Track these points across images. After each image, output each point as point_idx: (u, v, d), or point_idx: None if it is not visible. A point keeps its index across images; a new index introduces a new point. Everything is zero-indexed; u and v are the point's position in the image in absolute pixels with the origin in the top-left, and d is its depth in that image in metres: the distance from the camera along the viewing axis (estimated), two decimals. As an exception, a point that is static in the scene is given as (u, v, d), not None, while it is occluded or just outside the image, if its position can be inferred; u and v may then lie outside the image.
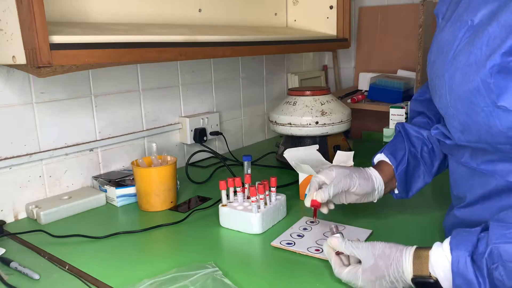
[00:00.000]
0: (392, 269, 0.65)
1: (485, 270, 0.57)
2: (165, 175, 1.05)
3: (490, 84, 0.59)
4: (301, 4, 1.62)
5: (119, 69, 1.22)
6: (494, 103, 0.59)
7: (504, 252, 0.56)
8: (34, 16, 0.74)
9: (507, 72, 0.57)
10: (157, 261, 0.82)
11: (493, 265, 0.56)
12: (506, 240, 0.56)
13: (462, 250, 0.60)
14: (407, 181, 0.90)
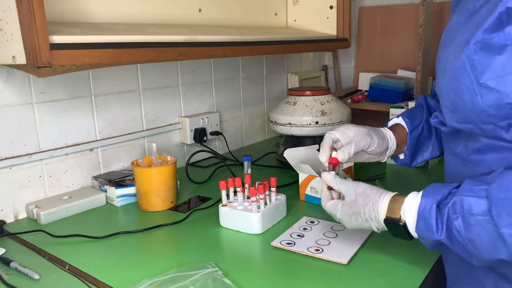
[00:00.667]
0: (368, 208, 0.71)
1: (445, 218, 0.61)
2: (165, 175, 1.05)
3: (474, 61, 0.59)
4: (301, 4, 1.62)
5: (119, 69, 1.22)
6: (477, 81, 0.59)
7: (467, 204, 0.59)
8: (34, 16, 0.74)
9: (489, 49, 0.58)
10: (157, 261, 0.82)
11: (454, 215, 0.60)
12: (471, 194, 0.59)
13: (431, 198, 0.64)
14: (416, 148, 0.91)
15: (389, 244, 0.85)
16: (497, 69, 0.57)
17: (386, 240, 0.87)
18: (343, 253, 0.81)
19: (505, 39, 0.57)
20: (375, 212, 0.70)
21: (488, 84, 0.58)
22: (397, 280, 0.73)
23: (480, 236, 0.58)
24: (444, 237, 0.62)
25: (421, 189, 0.68)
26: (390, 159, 1.35)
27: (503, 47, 0.57)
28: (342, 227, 0.93)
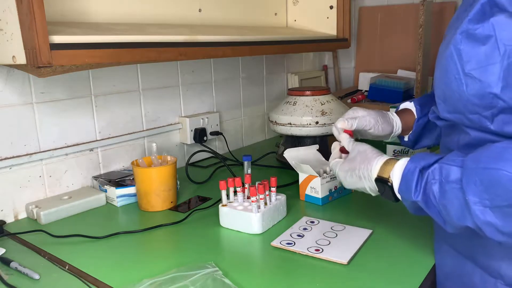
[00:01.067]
0: (363, 166, 0.76)
1: (424, 182, 0.64)
2: (165, 175, 1.05)
3: (460, 51, 0.61)
4: (301, 4, 1.62)
5: (119, 69, 1.22)
6: (463, 70, 0.61)
7: (445, 171, 0.62)
8: (34, 16, 0.74)
9: (473, 39, 0.60)
10: (157, 261, 0.82)
11: (433, 180, 0.63)
12: (451, 163, 0.62)
13: (416, 163, 0.67)
14: (420, 135, 0.93)
15: (389, 244, 0.86)
16: (481, 59, 0.59)
17: (386, 240, 0.87)
18: (343, 253, 0.81)
19: (489, 30, 0.58)
20: (368, 171, 0.75)
21: (472, 73, 0.60)
22: (397, 280, 0.73)
23: (452, 203, 0.60)
24: (420, 200, 0.65)
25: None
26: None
27: (487, 38, 0.58)
28: (342, 227, 0.93)
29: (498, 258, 0.66)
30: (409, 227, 0.92)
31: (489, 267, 0.67)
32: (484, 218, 0.57)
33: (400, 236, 0.89)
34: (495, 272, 0.67)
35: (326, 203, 1.07)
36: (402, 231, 0.91)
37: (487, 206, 0.56)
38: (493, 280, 0.67)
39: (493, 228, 0.57)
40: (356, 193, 1.14)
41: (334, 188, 1.08)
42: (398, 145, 1.35)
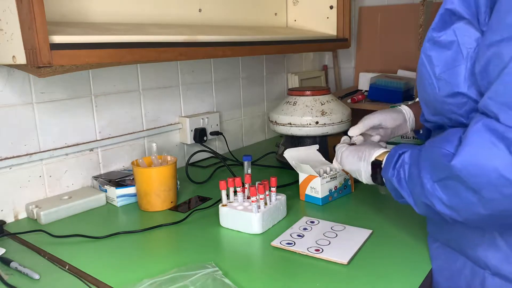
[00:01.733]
0: (367, 150, 0.83)
1: (398, 164, 0.72)
2: (165, 175, 1.05)
3: (430, 57, 0.67)
4: (301, 4, 1.62)
5: (119, 69, 1.22)
6: (434, 75, 0.67)
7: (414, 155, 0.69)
8: (34, 16, 0.74)
9: (438, 45, 0.66)
10: (157, 261, 0.82)
11: (405, 163, 0.71)
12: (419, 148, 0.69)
13: (399, 149, 0.74)
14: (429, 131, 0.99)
15: (389, 244, 0.86)
16: (448, 63, 0.65)
17: (386, 240, 0.87)
18: (343, 253, 0.81)
19: (451, 36, 0.64)
20: (370, 155, 0.82)
21: (442, 76, 0.66)
22: (397, 280, 0.73)
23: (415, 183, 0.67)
24: (395, 180, 0.72)
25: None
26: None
27: (451, 43, 0.65)
28: (342, 227, 0.93)
29: (484, 249, 0.69)
30: (409, 227, 0.92)
31: (477, 259, 0.70)
32: (433, 192, 0.64)
33: (400, 236, 0.89)
34: (483, 263, 0.70)
35: (326, 203, 1.07)
36: (402, 231, 0.91)
37: (435, 181, 0.63)
38: (481, 271, 0.70)
39: (441, 202, 0.63)
40: (356, 193, 1.14)
41: (334, 188, 1.08)
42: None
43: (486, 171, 0.55)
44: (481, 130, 0.57)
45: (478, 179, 0.56)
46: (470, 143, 0.57)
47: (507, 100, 0.55)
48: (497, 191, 0.55)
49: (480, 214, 0.59)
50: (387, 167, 0.75)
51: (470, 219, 0.62)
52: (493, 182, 0.55)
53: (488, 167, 0.55)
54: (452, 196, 0.61)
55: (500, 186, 0.55)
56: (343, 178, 1.11)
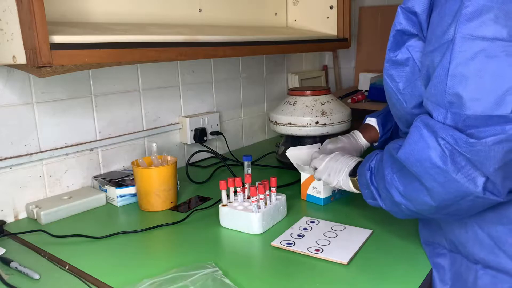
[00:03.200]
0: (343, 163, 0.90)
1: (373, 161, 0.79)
2: (165, 175, 1.05)
3: (392, 75, 0.73)
4: (301, 4, 1.62)
5: (119, 69, 1.22)
6: (398, 90, 0.73)
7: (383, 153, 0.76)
8: (34, 16, 0.74)
9: (396, 63, 0.72)
10: (157, 261, 0.82)
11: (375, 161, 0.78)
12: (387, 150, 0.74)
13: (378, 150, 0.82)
14: None
15: (389, 244, 0.86)
16: (408, 78, 0.71)
17: (386, 240, 0.87)
18: (343, 253, 0.81)
19: (406, 53, 0.71)
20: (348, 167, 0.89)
21: (406, 90, 0.72)
22: (397, 280, 0.73)
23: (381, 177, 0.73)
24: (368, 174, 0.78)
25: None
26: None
27: (407, 60, 0.71)
28: (342, 227, 0.93)
29: (471, 245, 0.71)
30: (409, 227, 0.92)
31: (469, 254, 0.72)
32: (392, 182, 0.70)
33: (400, 236, 0.89)
34: (473, 258, 0.71)
35: (327, 203, 1.07)
36: (402, 231, 0.91)
37: (395, 172, 0.70)
38: (474, 266, 0.72)
39: (398, 192, 0.70)
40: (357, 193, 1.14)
41: (336, 189, 1.08)
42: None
43: (422, 161, 0.62)
44: (419, 125, 0.64)
45: (417, 169, 0.63)
46: (411, 137, 0.65)
47: (437, 99, 0.62)
48: (434, 180, 0.62)
49: (428, 204, 0.66)
50: (364, 164, 0.81)
51: (421, 209, 0.68)
52: (429, 171, 0.62)
53: (423, 156, 0.62)
54: (406, 186, 0.68)
55: (434, 174, 0.61)
56: None
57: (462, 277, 0.73)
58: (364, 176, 0.79)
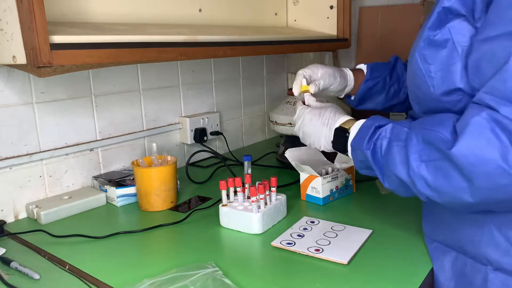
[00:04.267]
0: (331, 115, 0.83)
1: (376, 137, 0.72)
2: (165, 175, 1.05)
3: (425, 56, 0.69)
4: (302, 4, 1.62)
5: (119, 69, 1.22)
6: (428, 73, 0.68)
7: (396, 130, 0.70)
8: (34, 16, 0.74)
9: (434, 44, 0.67)
10: (157, 261, 0.82)
11: (384, 137, 0.71)
12: (403, 125, 0.70)
13: (374, 121, 0.75)
14: (366, 95, 1.02)
15: (389, 244, 0.86)
16: (443, 61, 0.66)
17: (386, 240, 0.87)
18: (343, 253, 0.81)
19: (446, 34, 0.66)
20: (334, 120, 0.82)
21: (438, 74, 0.67)
22: (397, 280, 0.73)
23: (394, 158, 0.68)
24: (369, 152, 0.72)
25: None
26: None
27: (446, 41, 0.66)
28: (342, 227, 0.93)
29: (484, 245, 0.69)
30: (409, 227, 0.92)
31: (477, 255, 0.70)
32: (418, 171, 0.64)
33: (400, 236, 0.89)
34: (484, 259, 0.70)
35: (327, 203, 1.07)
36: (402, 231, 0.91)
37: (424, 160, 0.64)
38: (483, 268, 0.70)
39: (423, 181, 0.64)
40: (356, 193, 1.14)
41: (335, 188, 1.08)
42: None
43: (485, 160, 0.56)
44: (484, 121, 0.57)
45: (475, 168, 0.57)
46: (471, 132, 0.57)
47: (506, 94, 0.56)
48: (492, 181, 0.56)
49: (465, 201, 0.61)
50: (361, 138, 0.75)
51: (451, 203, 0.64)
52: (490, 171, 0.56)
53: (488, 156, 0.56)
54: (439, 178, 0.62)
55: (496, 175, 0.56)
56: (345, 178, 1.11)
57: (467, 277, 0.73)
58: (363, 153, 0.74)
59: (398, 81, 1.02)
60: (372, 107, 1.04)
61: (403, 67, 1.03)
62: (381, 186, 1.16)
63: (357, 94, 1.02)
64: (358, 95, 1.02)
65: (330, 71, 0.96)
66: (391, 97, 1.02)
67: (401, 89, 1.02)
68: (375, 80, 1.01)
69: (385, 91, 1.02)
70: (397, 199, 1.09)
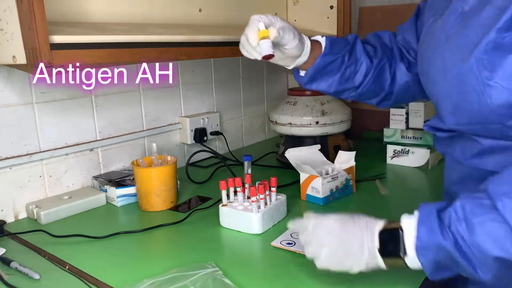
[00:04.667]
0: (366, 218, 0.66)
1: (447, 223, 0.57)
2: (165, 175, 1.05)
3: (483, 61, 0.59)
4: (302, 4, 1.62)
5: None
6: (486, 81, 0.59)
7: (468, 207, 0.56)
8: (34, 16, 0.74)
9: (501, 48, 0.58)
10: (157, 261, 0.82)
11: (457, 220, 0.56)
12: (471, 199, 0.57)
13: (429, 206, 0.61)
14: (320, 73, 0.89)
15: (389, 244, 0.85)
16: (508, 68, 0.57)
17: (386, 240, 0.87)
18: (343, 253, 0.81)
19: None
20: (373, 223, 0.65)
21: (499, 83, 0.58)
22: (397, 281, 0.73)
23: (488, 236, 0.54)
24: (451, 243, 0.57)
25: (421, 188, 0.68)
26: (390, 159, 1.35)
27: None
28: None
29: None
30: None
31: None
32: None
33: (400, 236, 0.89)
34: None
35: (327, 203, 1.07)
36: (403, 231, 0.91)
37: None
38: None
39: None
40: (357, 193, 1.14)
41: (335, 188, 1.08)
42: (398, 145, 1.34)
43: None
44: None
45: None
46: None
47: None
48: None
49: None
50: (430, 231, 0.59)
51: None
52: None
53: None
54: None
55: None
56: (345, 178, 1.11)
57: None
58: (440, 249, 0.58)
59: (355, 62, 0.91)
60: (323, 87, 0.91)
61: (362, 48, 0.92)
62: (381, 186, 1.16)
63: (311, 68, 0.88)
64: (312, 70, 0.88)
65: (290, 27, 0.84)
66: (345, 79, 0.91)
67: (357, 72, 0.91)
68: (334, 55, 0.88)
69: (341, 71, 0.90)
70: (397, 199, 1.09)
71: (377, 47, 0.95)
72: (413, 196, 1.12)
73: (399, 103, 1.02)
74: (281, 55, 0.87)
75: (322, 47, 0.89)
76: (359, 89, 0.92)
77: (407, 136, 1.33)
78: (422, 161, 1.31)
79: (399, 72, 0.93)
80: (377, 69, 0.91)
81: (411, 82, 0.93)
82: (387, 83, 0.93)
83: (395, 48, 0.95)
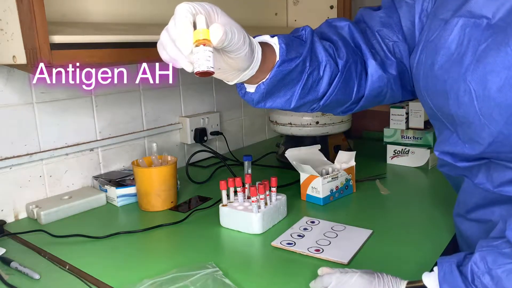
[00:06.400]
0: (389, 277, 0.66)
1: (470, 279, 0.56)
2: (166, 175, 1.05)
3: None
4: (302, 4, 1.62)
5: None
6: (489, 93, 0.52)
7: (490, 258, 0.55)
8: (34, 16, 0.74)
9: None
10: (157, 261, 0.82)
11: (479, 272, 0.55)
12: (491, 248, 0.56)
13: (447, 261, 0.59)
14: (278, 86, 0.67)
15: (389, 244, 0.85)
16: None
17: (386, 240, 0.87)
18: (343, 253, 0.81)
19: None
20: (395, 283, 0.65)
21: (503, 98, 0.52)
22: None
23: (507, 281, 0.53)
24: None
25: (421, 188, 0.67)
26: (390, 159, 1.35)
27: None
28: (342, 227, 0.92)
29: None
30: (409, 227, 0.92)
31: None
32: None
33: (400, 236, 0.89)
34: None
35: (327, 203, 1.07)
36: (402, 231, 0.91)
37: None
38: None
39: None
40: (357, 193, 1.14)
41: (335, 188, 1.08)
42: (398, 145, 1.34)
43: None
44: None
45: None
46: None
47: None
48: None
49: None
50: None
51: None
52: None
53: None
54: None
55: None
56: (345, 178, 1.11)
57: None
58: None
59: (318, 67, 0.69)
60: (280, 104, 0.70)
61: (321, 46, 0.70)
62: (381, 186, 1.16)
63: (267, 82, 0.65)
64: (267, 86, 0.65)
65: (237, 25, 0.61)
66: (307, 90, 0.69)
67: (321, 78, 0.69)
68: (293, 61, 0.64)
69: (302, 81, 0.67)
70: (397, 199, 1.09)
71: (337, 43, 0.73)
72: (413, 196, 1.12)
73: (364, 109, 0.80)
74: (225, 67, 0.61)
75: (275, 52, 0.65)
76: (322, 100, 0.72)
77: (407, 136, 1.33)
78: (422, 161, 1.31)
79: (370, 75, 0.74)
80: (343, 73, 0.71)
81: (385, 86, 0.74)
82: (354, 89, 0.74)
83: (362, 42, 0.74)
